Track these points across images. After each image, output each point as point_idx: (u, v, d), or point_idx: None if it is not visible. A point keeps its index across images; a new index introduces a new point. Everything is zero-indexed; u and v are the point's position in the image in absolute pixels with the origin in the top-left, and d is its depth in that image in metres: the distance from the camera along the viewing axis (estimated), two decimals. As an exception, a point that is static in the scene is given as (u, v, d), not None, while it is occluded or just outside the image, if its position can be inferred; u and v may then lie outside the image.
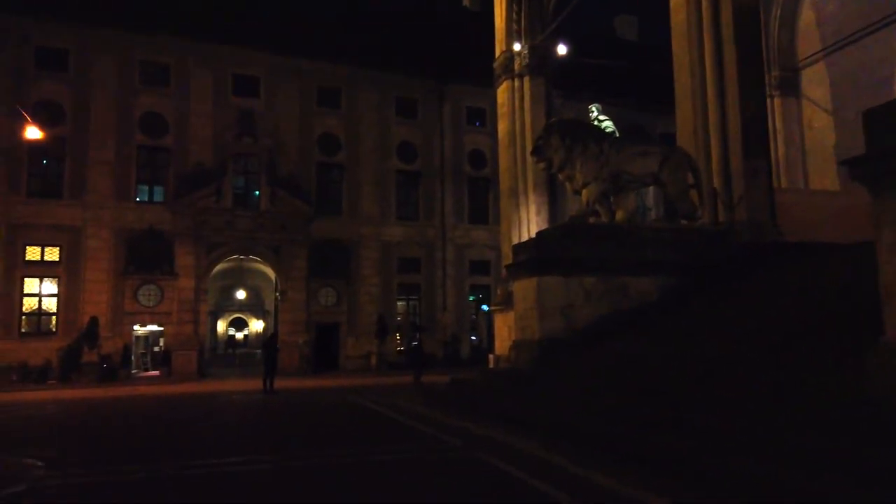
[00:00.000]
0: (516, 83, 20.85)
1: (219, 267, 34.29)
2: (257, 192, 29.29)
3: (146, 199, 27.94)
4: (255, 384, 22.92)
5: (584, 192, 11.40)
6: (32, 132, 20.51)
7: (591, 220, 11.64)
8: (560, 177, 12.19)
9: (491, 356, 21.20)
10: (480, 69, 32.66)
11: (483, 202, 33.79)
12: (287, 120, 30.06)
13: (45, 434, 11.06)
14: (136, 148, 27.67)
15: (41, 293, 26.10)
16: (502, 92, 21.29)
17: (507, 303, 20.37)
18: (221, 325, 57.77)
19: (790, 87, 22.48)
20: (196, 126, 28.49)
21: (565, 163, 11.49)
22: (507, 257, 20.79)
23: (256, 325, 56.54)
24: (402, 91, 32.36)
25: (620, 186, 11.74)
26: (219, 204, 28.27)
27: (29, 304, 25.92)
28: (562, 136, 11.48)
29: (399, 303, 32.12)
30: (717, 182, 12.52)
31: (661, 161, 11.88)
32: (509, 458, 7.03)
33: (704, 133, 12.73)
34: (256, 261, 31.47)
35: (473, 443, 8.10)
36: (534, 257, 10.80)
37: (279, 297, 30.05)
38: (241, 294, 45.54)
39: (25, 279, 25.85)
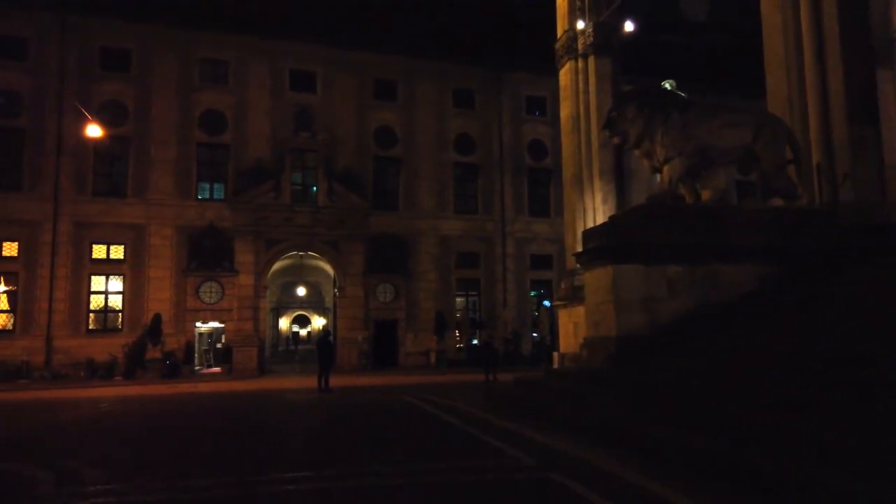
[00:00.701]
0: (580, 64, 19.33)
1: (279, 264, 34.00)
2: (315, 188, 28.70)
3: (206, 196, 27.71)
4: (312, 382, 22.16)
5: (666, 168, 9.86)
6: (93, 130, 20.33)
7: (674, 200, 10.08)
8: (637, 153, 10.68)
9: (555, 354, 19.79)
10: (539, 55, 31.15)
11: (544, 194, 32.28)
12: (343, 114, 29.36)
13: (89, 437, 10.42)
14: (196, 145, 27.47)
15: (107, 290, 26.19)
16: (564, 74, 19.80)
17: (571, 297, 18.92)
18: (285, 323, 58.13)
19: (885, 56, 20.09)
20: (254, 122, 28.10)
21: (643, 136, 9.98)
22: (571, 249, 19.33)
23: (318, 322, 56.59)
24: (459, 81, 31.19)
25: (708, 162, 10.12)
26: (277, 200, 27.80)
27: (95, 301, 26.04)
28: (639, 106, 9.98)
29: (458, 299, 30.99)
30: (817, 156, 10.79)
31: (755, 133, 10.19)
32: (593, 483, 5.74)
33: (801, 100, 11.01)
34: (316, 257, 30.91)
35: (547, 460, 6.80)
36: (608, 244, 9.35)
37: (337, 294, 29.40)
38: (301, 291, 45.40)
39: (92, 277, 25.97)
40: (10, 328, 24.87)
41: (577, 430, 7.82)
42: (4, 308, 24.98)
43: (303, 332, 62.17)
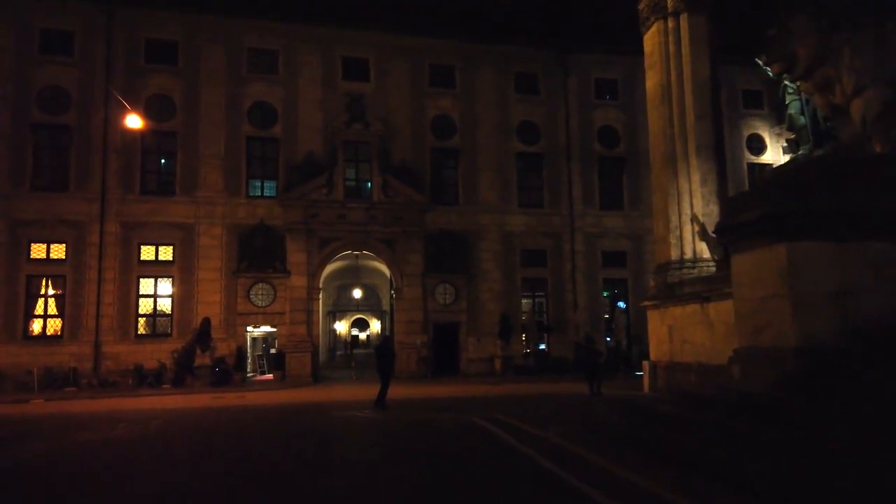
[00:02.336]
0: (670, 24, 16.40)
1: (334, 265, 32.03)
2: (369, 183, 26.52)
3: (257, 193, 25.90)
4: (368, 392, 19.90)
5: (857, 103, 6.87)
6: (134, 121, 18.60)
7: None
8: (807, 85, 7.75)
9: (645, 363, 16.84)
10: (609, 34, 28.30)
11: (616, 185, 29.19)
12: (398, 103, 27.09)
13: (110, 470, 8.28)
14: (246, 139, 25.70)
15: (156, 294, 24.63)
16: (650, 37, 16.89)
17: (665, 296, 15.95)
18: (344, 326, 56.50)
19: None
20: (305, 114, 26.15)
21: (819, 58, 7.04)
22: (662, 239, 16.40)
23: (376, 326, 54.68)
24: (522, 65, 28.49)
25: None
26: (330, 196, 25.74)
27: (144, 305, 24.52)
28: (814, 15, 7.04)
29: (524, 300, 28.21)
30: None
31: None
32: None
33: None
34: (372, 258, 28.75)
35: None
36: (775, 212, 6.33)
37: (394, 295, 27.09)
38: (357, 293, 43.43)
39: (140, 279, 24.46)
40: (59, 334, 23.51)
41: (740, 488, 5.07)
42: (53, 313, 23.69)
43: (361, 336, 60.50)
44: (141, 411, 15.38)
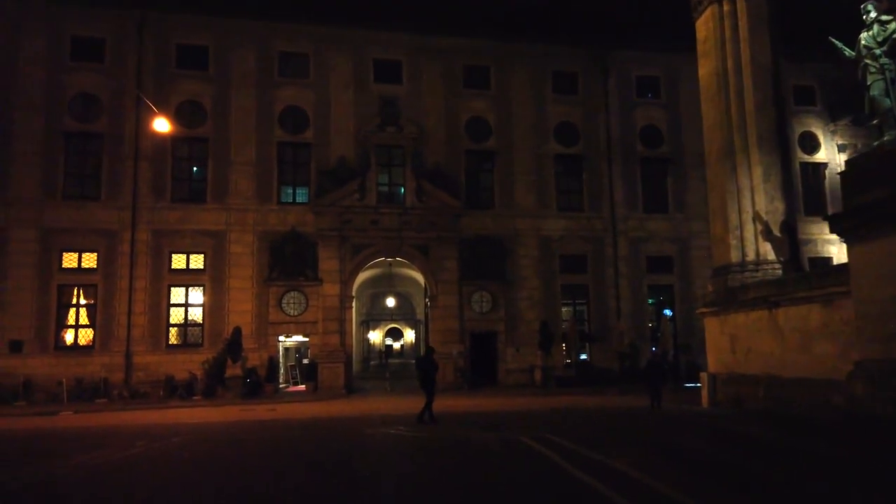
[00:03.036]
0: (725, 7, 15.08)
1: (367, 273, 31.20)
2: (402, 188, 25.59)
3: (288, 199, 25.17)
4: (403, 405, 18.87)
5: None
6: (161, 125, 17.99)
7: None
8: None
9: (703, 375, 15.41)
10: (650, 30, 26.98)
11: (660, 187, 27.74)
12: (431, 105, 26.16)
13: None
14: (277, 145, 25.04)
15: (187, 303, 24.02)
16: (704, 23, 15.58)
17: (725, 302, 14.55)
18: (378, 336, 55.73)
19: None
20: (337, 118, 25.39)
21: None
22: (720, 239, 15.01)
23: (410, 335, 53.77)
24: (559, 64, 27.33)
25: None
26: (362, 201, 24.87)
27: (175, 314, 23.92)
28: None
29: (563, 308, 26.87)
30: None
31: None
32: None
33: None
34: (406, 265, 27.80)
35: None
36: None
37: (428, 304, 26.04)
38: (391, 302, 42.51)
39: (172, 288, 23.89)
40: (90, 344, 23.04)
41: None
42: (84, 323, 23.24)
43: (396, 346, 59.70)
44: (166, 426, 14.56)
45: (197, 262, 24.10)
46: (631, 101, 27.70)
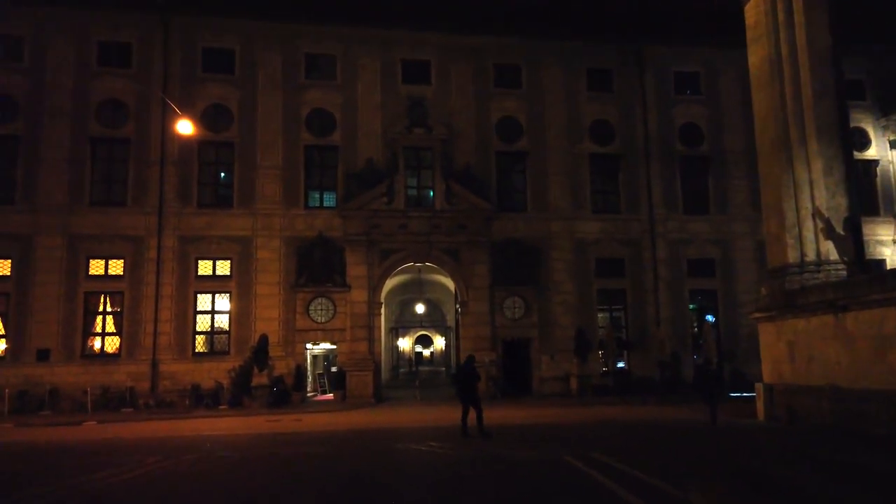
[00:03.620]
0: (779, -12, 13.88)
1: (396, 279, 30.47)
2: (431, 191, 24.77)
3: (315, 204, 24.55)
4: (435, 415, 18.01)
5: None
6: (185, 127, 17.48)
7: None
8: None
9: (759, 386, 14.16)
10: (688, 24, 25.80)
11: (701, 187, 26.45)
12: (461, 106, 25.33)
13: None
14: (304, 148, 24.45)
15: (213, 310, 23.51)
16: (754, 6, 14.46)
17: (783, 306, 13.35)
18: (407, 343, 54.93)
19: None
20: (364, 120, 24.72)
21: None
22: (776, 238, 13.83)
23: (440, 342, 52.84)
24: (593, 60, 26.28)
25: None
26: (390, 205, 24.12)
27: (202, 322, 23.42)
28: None
29: (600, 314, 25.69)
30: None
31: None
32: None
33: None
34: (436, 270, 26.96)
35: None
36: None
37: (459, 310, 25.11)
38: (420, 308, 41.61)
39: (198, 295, 23.40)
40: (117, 352, 22.65)
41: None
42: (111, 331, 22.88)
43: (426, 353, 58.82)
44: (185, 439, 13.90)
45: (223, 268, 23.60)
46: (669, 98, 26.49)
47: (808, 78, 13.33)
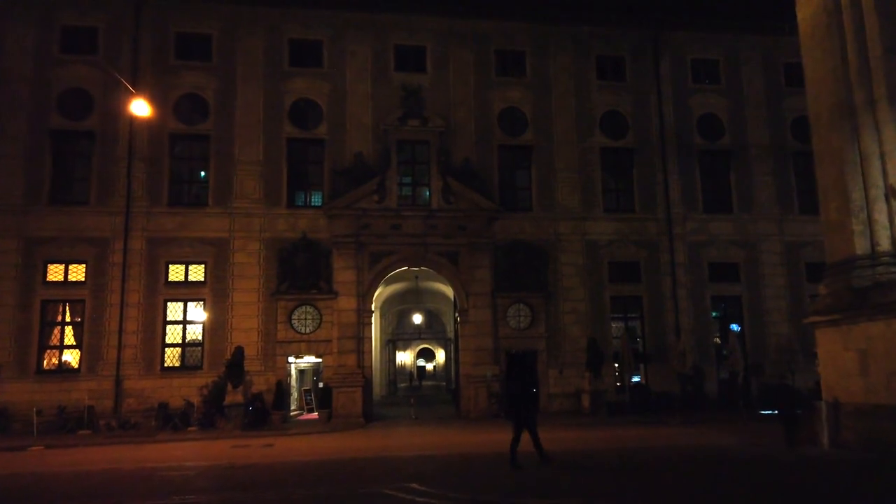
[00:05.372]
0: (836, -75, 11.41)
1: (392, 288, 27.96)
2: (427, 188, 22.29)
3: (299, 203, 22.09)
4: (431, 439, 15.36)
5: None
6: (140, 107, 15.03)
7: None
8: None
9: (821, 405, 11.44)
10: (707, 6, 23.46)
11: (722, 184, 23.89)
12: (460, 96, 22.89)
13: None
14: (287, 142, 22.01)
15: (185, 320, 20.96)
16: (804, -50, 11.93)
17: (846, 308, 10.72)
18: (409, 357, 52.25)
19: None
20: (354, 111, 22.29)
21: None
22: (838, 224, 11.23)
23: (442, 356, 50.09)
24: (604, 47, 23.84)
25: None
26: (382, 203, 21.63)
27: (172, 333, 20.86)
28: None
29: (613, 323, 23.03)
30: None
31: None
32: None
33: None
34: (435, 278, 24.47)
35: None
36: None
37: (458, 319, 22.48)
38: (417, 318, 38.86)
39: (168, 304, 20.87)
40: (76, 367, 20.09)
41: None
42: (70, 343, 20.34)
43: (428, 367, 56.04)
44: (124, 475, 11.29)
45: (197, 273, 21.08)
46: (686, 88, 23.98)
47: (875, 31, 10.82)
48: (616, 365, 22.39)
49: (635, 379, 22.90)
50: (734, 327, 23.07)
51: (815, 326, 11.82)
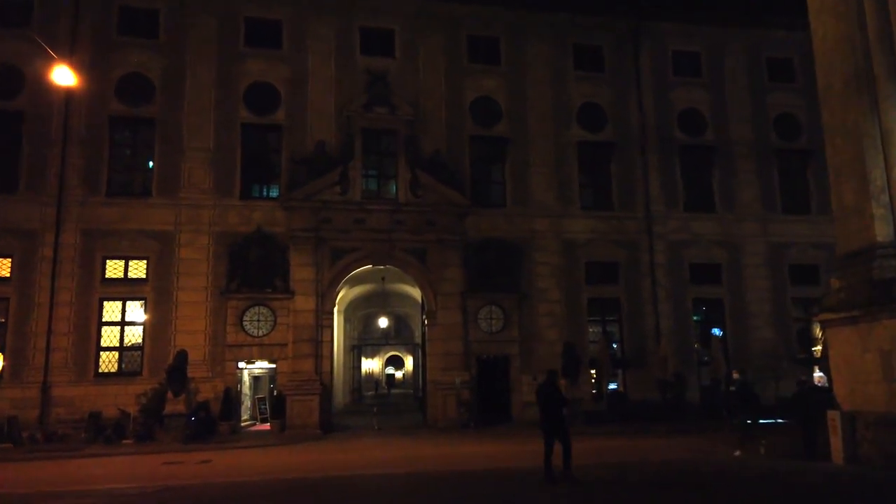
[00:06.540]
0: None
1: (358, 290, 26.06)
2: (394, 181, 20.55)
3: (254, 194, 20.15)
4: (392, 453, 13.53)
5: None
6: (63, 75, 12.98)
7: None
8: None
9: (834, 415, 9.91)
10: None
11: (704, 181, 22.64)
12: (430, 83, 21.23)
13: None
14: (241, 128, 20.07)
15: (123, 321, 18.79)
16: None
17: (864, 303, 9.30)
18: (377, 364, 50.15)
19: None
20: (315, 96, 20.46)
21: None
22: (854, 210, 9.79)
23: (412, 363, 48.12)
24: (582, 36, 22.45)
25: None
26: (345, 196, 19.84)
27: (108, 335, 18.68)
28: None
29: (591, 327, 21.49)
30: None
31: None
32: None
33: None
34: (402, 279, 22.66)
35: None
36: None
37: (426, 321, 20.70)
38: (383, 322, 36.78)
39: (105, 303, 18.69)
40: (-3, 372, 17.77)
41: None
42: (-9, 345, 17.99)
43: (398, 375, 53.92)
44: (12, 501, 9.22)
45: (138, 269, 18.95)
46: (667, 81, 22.71)
47: (898, -11, 9.44)
48: (593, 371, 20.82)
49: (612, 386, 21.39)
50: (716, 331, 21.76)
51: (827, 325, 10.34)
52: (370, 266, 20.49)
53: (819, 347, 20.98)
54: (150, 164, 19.66)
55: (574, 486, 8.78)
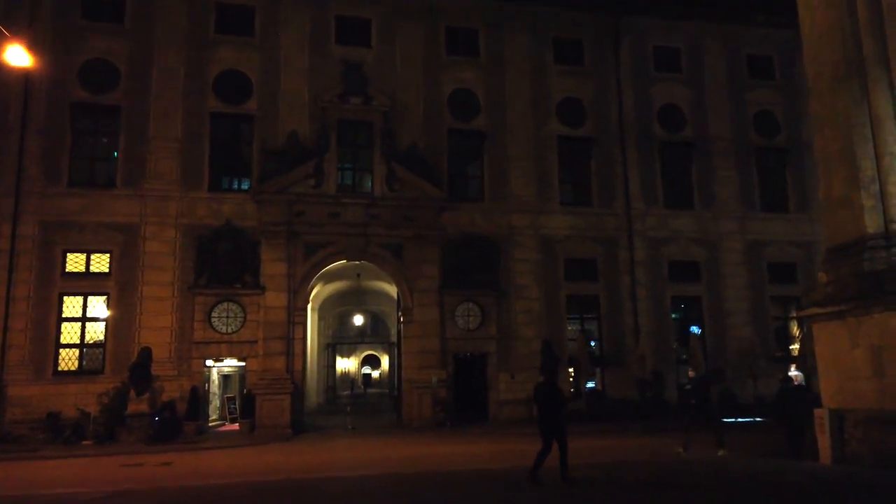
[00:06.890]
0: None
1: (333, 287, 25.39)
2: (370, 174, 19.93)
3: (223, 186, 19.37)
4: (368, 453, 12.92)
5: None
6: (17, 55, 12.11)
7: None
8: None
9: (821, 413, 9.54)
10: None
11: (684, 178, 22.35)
12: (408, 74, 20.62)
13: None
14: (210, 117, 19.27)
15: (85, 317, 17.89)
16: None
17: (854, 297, 8.95)
18: (352, 363, 49.36)
19: None
20: (288, 86, 19.74)
21: None
22: (840, 201, 9.46)
23: (387, 362, 47.44)
24: (562, 29, 22.03)
25: None
26: (319, 189, 19.18)
27: (68, 332, 17.76)
28: None
29: (569, 325, 21.09)
30: None
31: None
32: None
33: None
34: (378, 276, 22.05)
35: None
36: None
37: (402, 318, 20.09)
38: (359, 319, 36.05)
39: (65, 298, 17.76)
40: (-52, 371, 16.76)
41: None
42: (-58, 342, 16.96)
43: (375, 374, 53.15)
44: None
45: (100, 263, 18.06)
46: (648, 76, 22.40)
47: (887, -27, 9.11)
48: (571, 370, 20.40)
49: (590, 385, 21.02)
50: (694, 330, 21.50)
51: (814, 320, 9.99)
52: (345, 261, 19.84)
53: (797, 346, 20.85)
54: (115, 153, 18.76)
55: (571, 486, 8.30)
